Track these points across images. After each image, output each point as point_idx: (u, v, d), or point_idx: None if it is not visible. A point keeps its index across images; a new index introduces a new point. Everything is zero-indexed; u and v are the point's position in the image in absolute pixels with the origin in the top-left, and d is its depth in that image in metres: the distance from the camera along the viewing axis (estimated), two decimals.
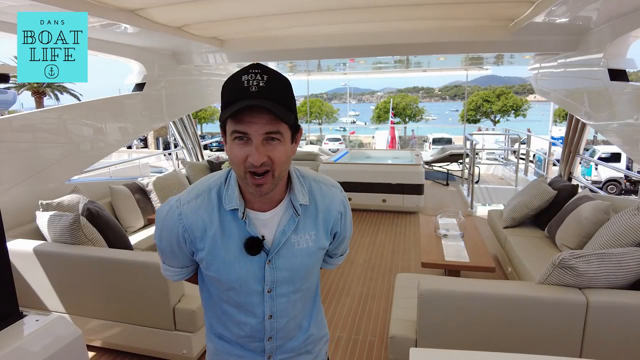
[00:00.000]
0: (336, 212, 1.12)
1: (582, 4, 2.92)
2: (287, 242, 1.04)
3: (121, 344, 2.73)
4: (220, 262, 1.02)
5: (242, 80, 0.88)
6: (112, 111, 4.27)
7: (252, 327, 1.10)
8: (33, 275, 2.69)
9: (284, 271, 1.05)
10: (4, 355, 1.31)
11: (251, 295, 1.06)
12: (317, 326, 1.24)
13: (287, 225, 1.04)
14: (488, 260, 3.10)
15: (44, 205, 3.05)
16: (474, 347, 2.03)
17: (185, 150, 6.61)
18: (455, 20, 4.06)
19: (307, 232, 1.07)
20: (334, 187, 1.14)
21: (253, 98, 0.87)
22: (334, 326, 3.13)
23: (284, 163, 0.95)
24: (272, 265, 1.04)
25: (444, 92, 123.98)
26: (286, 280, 1.07)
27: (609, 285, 1.98)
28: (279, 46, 4.68)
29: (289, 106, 0.92)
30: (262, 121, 0.88)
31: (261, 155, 0.90)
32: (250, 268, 1.03)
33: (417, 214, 6.19)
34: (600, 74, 3.46)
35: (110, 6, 3.01)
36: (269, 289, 1.06)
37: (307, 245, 1.07)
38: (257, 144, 0.90)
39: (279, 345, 1.14)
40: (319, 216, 1.08)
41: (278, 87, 0.90)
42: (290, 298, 1.10)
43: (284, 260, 1.05)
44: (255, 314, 1.08)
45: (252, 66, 0.90)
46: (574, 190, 3.86)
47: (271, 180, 0.94)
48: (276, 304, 1.08)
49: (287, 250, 1.05)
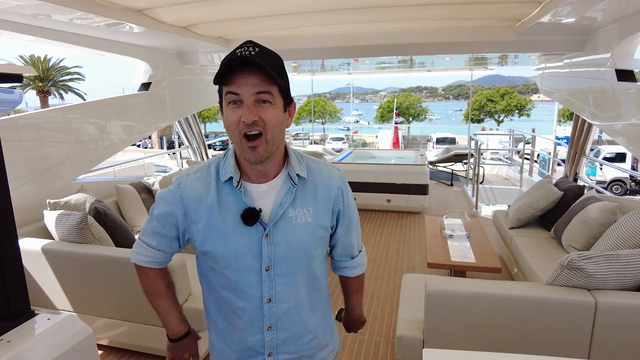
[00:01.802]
0: (336, 188, 1.13)
1: (588, 5, 2.91)
2: (284, 215, 1.05)
3: (128, 343, 2.74)
4: (217, 234, 1.04)
5: (236, 52, 0.95)
6: (117, 111, 4.29)
7: (250, 314, 1.08)
8: (41, 273, 2.70)
9: (282, 247, 1.05)
10: (17, 353, 1.32)
11: (248, 274, 1.05)
12: (324, 330, 1.21)
13: (284, 197, 1.05)
14: (494, 261, 3.10)
15: (51, 204, 3.06)
16: (482, 347, 2.03)
17: (190, 150, 6.63)
18: (461, 20, 4.06)
19: (305, 206, 1.07)
20: (332, 167, 1.18)
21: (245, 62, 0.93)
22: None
23: (275, 126, 0.99)
24: (270, 240, 1.04)
25: (448, 91, 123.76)
26: (284, 257, 1.05)
27: (618, 286, 1.97)
28: (284, 46, 4.68)
29: (279, 72, 0.97)
30: (253, 81, 0.94)
31: (252, 114, 0.94)
32: (247, 242, 1.03)
33: (421, 214, 6.18)
34: (608, 74, 3.45)
35: (117, 6, 3.02)
36: (267, 267, 1.05)
37: (305, 221, 1.07)
38: (248, 103, 0.95)
39: (280, 341, 1.11)
40: (317, 192, 1.09)
41: (269, 56, 0.97)
42: (290, 280, 1.08)
43: (281, 234, 1.04)
44: (253, 296, 1.06)
45: (246, 42, 0.97)
46: (580, 191, 3.85)
47: (264, 144, 0.98)
48: (275, 285, 1.07)
49: (285, 224, 1.05)
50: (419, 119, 40.19)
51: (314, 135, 22.80)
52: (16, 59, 17.41)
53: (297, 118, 39.79)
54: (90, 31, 3.52)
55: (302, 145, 20.46)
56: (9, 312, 1.44)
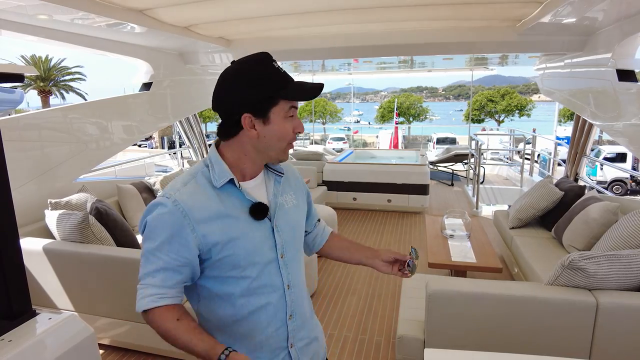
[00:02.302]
0: (299, 177, 1.30)
1: (588, 5, 2.91)
2: (280, 203, 1.15)
3: (129, 342, 2.75)
4: (234, 236, 1.03)
5: (277, 67, 1.06)
6: (118, 111, 4.29)
7: (275, 306, 1.10)
8: (42, 273, 2.71)
9: (286, 231, 1.13)
10: (19, 352, 1.32)
11: (269, 265, 1.09)
12: (312, 309, 1.28)
13: (275, 188, 1.16)
14: (495, 261, 3.09)
15: (52, 204, 3.07)
16: (482, 347, 2.03)
17: (191, 150, 6.63)
18: (462, 20, 4.05)
19: (288, 193, 1.20)
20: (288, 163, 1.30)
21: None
22: (340, 326, 3.13)
23: None
24: (277, 228, 1.11)
25: (448, 91, 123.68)
26: (290, 240, 1.14)
27: (619, 286, 1.97)
28: (285, 46, 4.69)
29: None
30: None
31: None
32: (263, 235, 1.09)
33: (422, 214, 6.18)
34: (608, 74, 3.45)
35: (118, 6, 3.02)
36: (281, 254, 1.11)
37: (293, 204, 1.20)
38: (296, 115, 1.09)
39: (298, 328, 1.15)
40: (290, 181, 1.23)
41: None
42: (296, 262, 1.17)
43: (283, 221, 1.13)
44: (276, 286, 1.10)
45: (268, 56, 1.08)
46: (581, 191, 3.84)
47: None
48: (289, 270, 1.13)
49: (282, 211, 1.14)
50: (420, 119, 40.15)
51: (315, 135, 22.79)
52: (17, 59, 17.44)
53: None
54: (92, 31, 3.52)
55: (303, 145, 20.42)
56: (10, 311, 1.44)
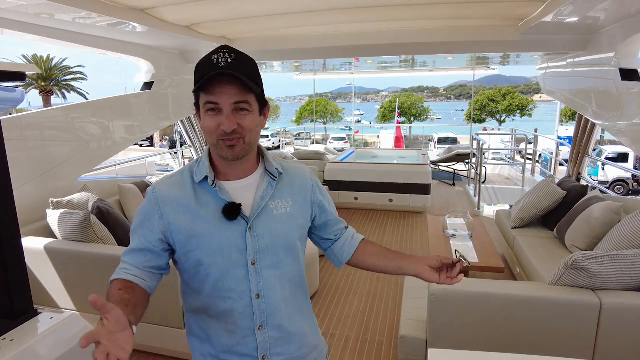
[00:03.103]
0: (310, 181, 1.19)
1: (591, 5, 2.90)
2: (265, 207, 1.09)
3: None
4: (200, 231, 1.04)
5: (212, 59, 0.98)
6: (119, 110, 4.29)
7: (240, 313, 1.06)
8: (44, 272, 2.71)
9: (265, 238, 1.07)
10: (20, 352, 1.32)
11: (234, 269, 1.05)
12: (310, 330, 1.21)
13: (265, 190, 1.09)
14: (497, 260, 3.08)
15: (54, 203, 3.07)
16: (485, 347, 2.02)
17: (192, 149, 6.63)
18: (463, 19, 4.04)
19: (284, 199, 1.12)
20: (303, 165, 1.25)
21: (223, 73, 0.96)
22: (342, 326, 3.13)
23: (252, 130, 1.03)
24: (253, 232, 1.06)
25: (449, 91, 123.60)
26: (269, 249, 1.07)
27: (623, 286, 1.97)
28: (286, 45, 4.68)
29: (255, 79, 1.01)
30: (231, 91, 0.97)
31: (232, 123, 0.98)
32: (231, 236, 1.04)
33: (423, 214, 6.17)
34: (611, 73, 3.44)
35: (120, 5, 3.02)
36: (252, 261, 1.05)
37: (286, 211, 1.11)
38: (227, 113, 0.98)
39: (273, 341, 1.09)
40: (294, 186, 1.15)
41: (244, 63, 1.00)
42: (276, 273, 1.09)
43: (264, 226, 1.07)
44: (241, 293, 1.05)
45: (221, 47, 1.00)
46: (583, 190, 3.83)
47: (242, 144, 1.02)
48: (262, 279, 1.07)
49: (267, 216, 1.08)
50: (421, 119, 40.13)
51: (316, 135, 22.80)
52: (19, 58, 17.47)
53: (298, 118, 39.81)
54: (94, 30, 3.52)
55: (304, 145, 20.42)
56: (12, 310, 1.44)
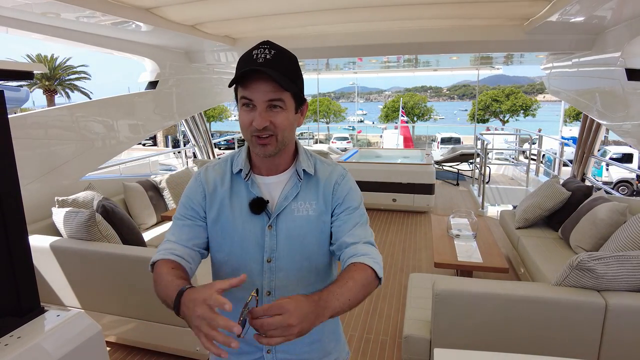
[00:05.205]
0: (333, 182, 1.15)
1: (597, 4, 2.88)
2: (287, 207, 1.09)
3: (135, 340, 2.75)
4: (226, 219, 1.10)
5: (252, 54, 0.98)
6: (124, 109, 4.31)
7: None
8: (49, 270, 2.72)
9: (282, 238, 1.08)
10: (27, 349, 1.33)
11: (250, 263, 1.08)
12: (327, 336, 1.19)
13: (290, 190, 1.10)
14: (501, 261, 3.07)
15: (59, 202, 3.08)
16: (490, 348, 2.01)
17: (196, 148, 6.65)
18: (469, 19, 4.03)
19: (308, 201, 1.11)
20: (338, 165, 1.20)
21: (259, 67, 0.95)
22: (346, 325, 3.12)
23: (286, 128, 1.02)
24: (273, 230, 1.08)
25: (452, 91, 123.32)
26: (285, 249, 1.08)
27: (628, 288, 1.95)
28: (290, 45, 4.59)
29: (292, 77, 1.00)
30: (266, 88, 0.97)
31: (263, 120, 0.98)
32: (252, 230, 1.08)
33: (427, 214, 6.16)
34: (617, 73, 3.42)
35: (125, 4, 3.03)
36: (268, 258, 1.08)
37: (307, 214, 1.10)
38: (260, 110, 0.98)
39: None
40: (320, 187, 1.13)
41: (283, 59, 0.99)
42: (291, 274, 1.09)
43: (283, 224, 1.09)
44: (253, 287, 1.00)
45: (262, 42, 1.00)
46: (588, 191, 3.81)
47: (275, 142, 1.02)
48: (275, 278, 1.09)
49: (287, 216, 1.09)
50: (424, 118, 40.03)
51: (319, 135, 22.80)
52: (23, 58, 17.54)
53: None
54: (98, 29, 3.53)
55: (307, 144, 20.45)
56: (19, 308, 1.45)
